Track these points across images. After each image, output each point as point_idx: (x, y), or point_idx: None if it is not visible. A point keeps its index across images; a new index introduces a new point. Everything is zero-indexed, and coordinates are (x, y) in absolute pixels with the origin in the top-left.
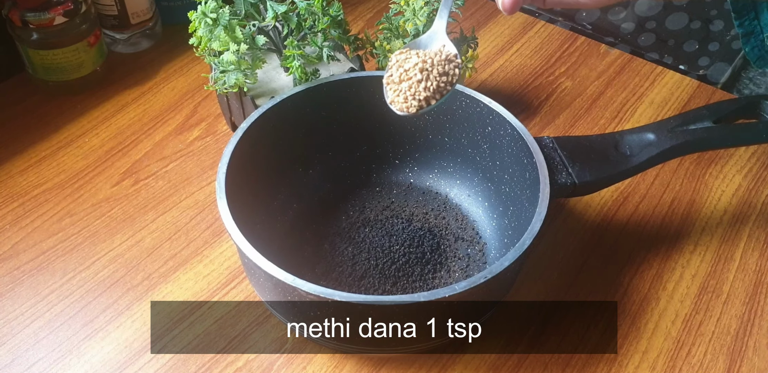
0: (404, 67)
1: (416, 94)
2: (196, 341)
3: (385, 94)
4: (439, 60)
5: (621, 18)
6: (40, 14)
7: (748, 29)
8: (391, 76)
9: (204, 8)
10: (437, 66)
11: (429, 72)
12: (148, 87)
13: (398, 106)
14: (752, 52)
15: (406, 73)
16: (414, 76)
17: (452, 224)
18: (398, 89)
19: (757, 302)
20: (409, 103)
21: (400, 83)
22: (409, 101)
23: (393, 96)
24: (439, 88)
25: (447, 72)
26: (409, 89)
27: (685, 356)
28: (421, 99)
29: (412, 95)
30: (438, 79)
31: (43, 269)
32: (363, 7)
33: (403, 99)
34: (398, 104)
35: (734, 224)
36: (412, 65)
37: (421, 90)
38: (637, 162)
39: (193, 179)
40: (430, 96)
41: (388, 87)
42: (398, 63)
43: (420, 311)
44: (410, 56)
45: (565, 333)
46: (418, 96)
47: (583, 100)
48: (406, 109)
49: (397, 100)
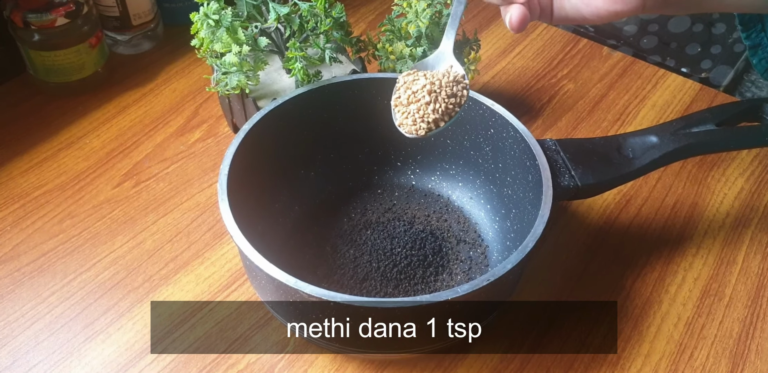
0: (412, 89)
1: (425, 116)
2: (197, 343)
3: (393, 116)
4: (447, 82)
5: (623, 21)
6: (41, 15)
7: (755, 41)
8: (399, 98)
9: (206, 10)
10: (445, 88)
11: (437, 94)
12: (150, 88)
13: (407, 129)
14: (760, 64)
15: (414, 95)
16: (422, 98)
17: (454, 226)
18: (407, 111)
19: (760, 305)
20: (418, 126)
21: (408, 105)
22: (417, 124)
23: (401, 119)
24: (448, 109)
25: (455, 93)
26: (418, 111)
27: (688, 359)
28: (430, 121)
29: (420, 118)
30: (446, 100)
31: (44, 271)
32: (365, 8)
33: (411, 122)
34: (407, 127)
35: (737, 227)
36: (420, 87)
37: (430, 112)
38: (640, 165)
39: (194, 181)
40: (439, 118)
41: (396, 109)
42: (406, 85)
43: (422, 314)
44: (418, 78)
45: (567, 336)
46: (426, 118)
47: (586, 103)
48: (415, 132)
49: (405, 122)
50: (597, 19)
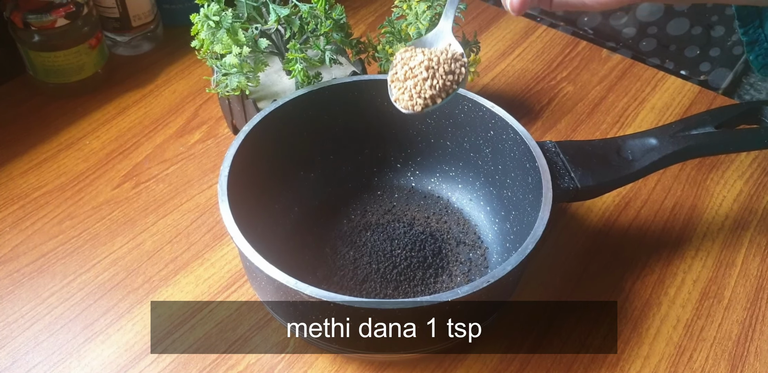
0: (409, 65)
1: (422, 92)
2: (196, 344)
3: (390, 92)
4: (445, 58)
5: (622, 23)
6: (41, 16)
7: (752, 37)
8: (396, 73)
9: (206, 11)
10: (443, 64)
11: (435, 70)
12: (149, 90)
13: (403, 104)
14: (756, 61)
15: (411, 71)
16: (420, 74)
17: (454, 228)
18: (403, 87)
19: (759, 308)
20: (415, 101)
21: (405, 81)
22: (414, 99)
23: (398, 94)
24: (445, 86)
25: (453, 70)
26: (415, 87)
27: (687, 361)
28: (427, 97)
29: (417, 93)
30: (444, 77)
31: (44, 272)
32: (365, 10)
33: (408, 97)
34: (403, 102)
35: (735, 230)
36: (418, 63)
37: (427, 88)
38: (639, 167)
39: (194, 182)
40: (436, 94)
41: (393, 85)
42: (403, 61)
43: (422, 315)
44: (415, 54)
45: (567, 338)
46: (423, 94)
47: (585, 105)
48: (411, 108)
49: (402, 98)
50: (597, 5)
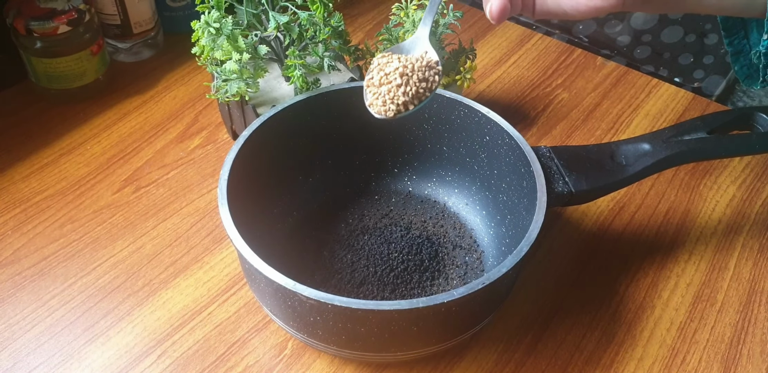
0: (385, 71)
1: (395, 98)
2: (196, 346)
3: (365, 96)
4: (420, 66)
5: (617, 31)
6: (44, 23)
7: (737, 48)
8: (371, 78)
9: (207, 18)
10: (417, 72)
11: (409, 77)
12: (150, 96)
13: (376, 109)
14: (741, 71)
15: (386, 77)
16: (394, 80)
17: (450, 232)
18: (378, 92)
19: (751, 311)
20: (387, 107)
21: (380, 87)
22: (387, 105)
23: (372, 99)
24: (418, 93)
25: (427, 78)
26: (388, 93)
27: (680, 363)
28: (399, 103)
29: (390, 99)
30: (417, 84)
31: (45, 275)
32: (363, 18)
33: (381, 102)
34: (376, 107)
35: (728, 234)
36: (393, 69)
37: (400, 95)
38: (633, 171)
39: (193, 187)
40: (409, 101)
41: (368, 90)
42: (379, 66)
43: (419, 317)
44: (392, 60)
45: (561, 340)
46: (396, 100)
47: (580, 112)
48: (383, 113)
49: (375, 103)
50: (577, 14)
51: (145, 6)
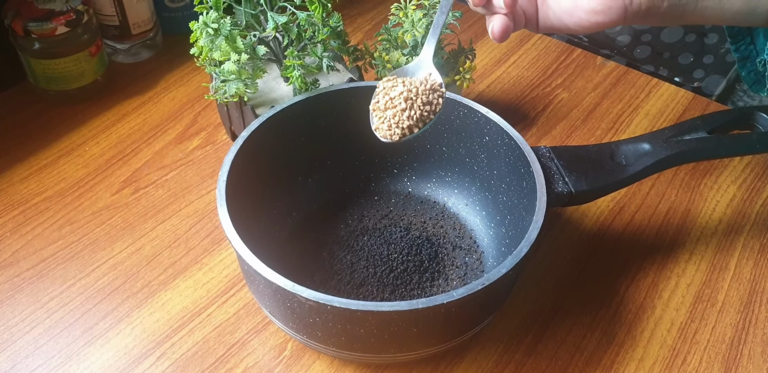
0: (390, 95)
1: (400, 122)
2: (195, 347)
3: (371, 120)
4: (424, 89)
5: (617, 31)
6: (42, 24)
7: (744, 54)
8: (377, 102)
9: (205, 18)
10: (421, 95)
11: (413, 101)
12: (149, 96)
13: (382, 134)
14: (748, 77)
15: (391, 101)
16: (399, 104)
17: (450, 232)
18: (383, 117)
19: (752, 311)
20: (393, 131)
21: (385, 111)
22: (392, 129)
23: (378, 123)
24: (422, 117)
25: (431, 101)
26: (393, 117)
27: (681, 364)
28: (404, 127)
29: (396, 123)
30: (421, 108)
31: (43, 277)
32: (362, 18)
33: (387, 127)
34: (382, 131)
35: (729, 234)
36: (398, 94)
37: (405, 119)
38: (633, 171)
39: (192, 188)
40: (413, 124)
41: (374, 113)
42: (385, 90)
43: (419, 318)
44: (396, 84)
45: (562, 341)
46: (401, 124)
47: (580, 112)
48: (389, 137)
49: (381, 127)
50: (580, 29)
51: (144, 7)
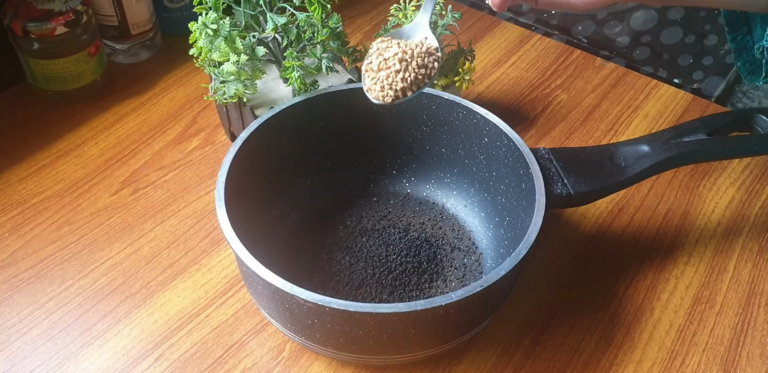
0: (384, 56)
1: (393, 84)
2: (193, 348)
3: (363, 81)
4: (419, 52)
5: (616, 32)
6: (41, 24)
7: (740, 44)
8: (370, 63)
9: (205, 19)
10: (417, 58)
11: (408, 63)
12: (148, 97)
13: (374, 95)
14: (744, 67)
15: (385, 62)
16: (393, 65)
17: (449, 234)
18: (376, 77)
19: (750, 313)
20: (386, 93)
21: (378, 72)
22: (385, 90)
23: (370, 84)
24: (417, 80)
25: (426, 64)
26: (387, 78)
27: (679, 366)
28: (398, 89)
29: (389, 85)
30: (416, 70)
31: (42, 277)
32: (361, 19)
33: (379, 88)
34: (374, 92)
35: (728, 236)
36: (392, 55)
37: (398, 80)
38: (632, 173)
39: (191, 189)
40: (407, 87)
41: (366, 74)
42: (378, 51)
43: (417, 320)
44: (391, 45)
45: (560, 343)
46: (395, 86)
47: (579, 113)
48: (381, 98)
49: (373, 88)
50: (582, 5)
51: (143, 7)
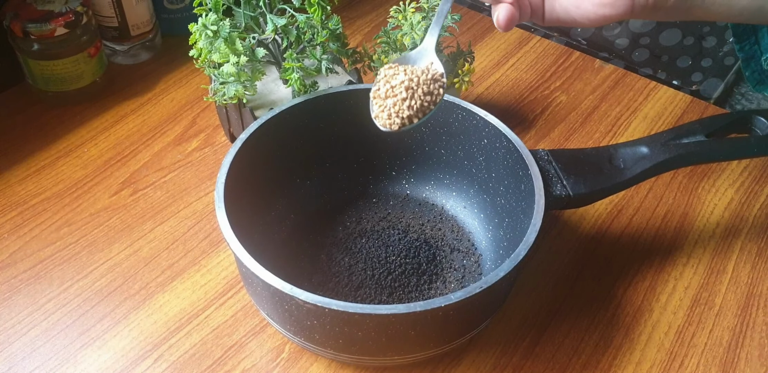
0: (391, 83)
1: (400, 111)
2: (192, 349)
3: (371, 108)
4: (425, 79)
5: (615, 34)
6: (41, 25)
7: (748, 54)
8: (378, 90)
9: (205, 21)
10: (423, 85)
11: (414, 91)
12: (147, 98)
13: (382, 123)
14: (752, 77)
15: (392, 90)
16: (399, 93)
17: (448, 235)
18: (383, 105)
19: (749, 315)
20: (392, 121)
21: (385, 99)
22: (392, 118)
23: (378, 111)
24: (423, 107)
25: (431, 91)
26: (394, 106)
27: (678, 367)
28: (404, 117)
29: (395, 113)
30: (422, 98)
31: (41, 278)
32: (361, 21)
33: (387, 115)
34: (382, 120)
35: (726, 237)
36: (399, 82)
37: (405, 108)
38: (631, 175)
39: (191, 190)
40: (413, 115)
41: (374, 101)
42: (386, 78)
43: (416, 321)
44: (398, 72)
45: (559, 344)
46: (401, 114)
47: (578, 114)
48: (389, 126)
49: (381, 115)
50: (587, 22)
51: (143, 8)
